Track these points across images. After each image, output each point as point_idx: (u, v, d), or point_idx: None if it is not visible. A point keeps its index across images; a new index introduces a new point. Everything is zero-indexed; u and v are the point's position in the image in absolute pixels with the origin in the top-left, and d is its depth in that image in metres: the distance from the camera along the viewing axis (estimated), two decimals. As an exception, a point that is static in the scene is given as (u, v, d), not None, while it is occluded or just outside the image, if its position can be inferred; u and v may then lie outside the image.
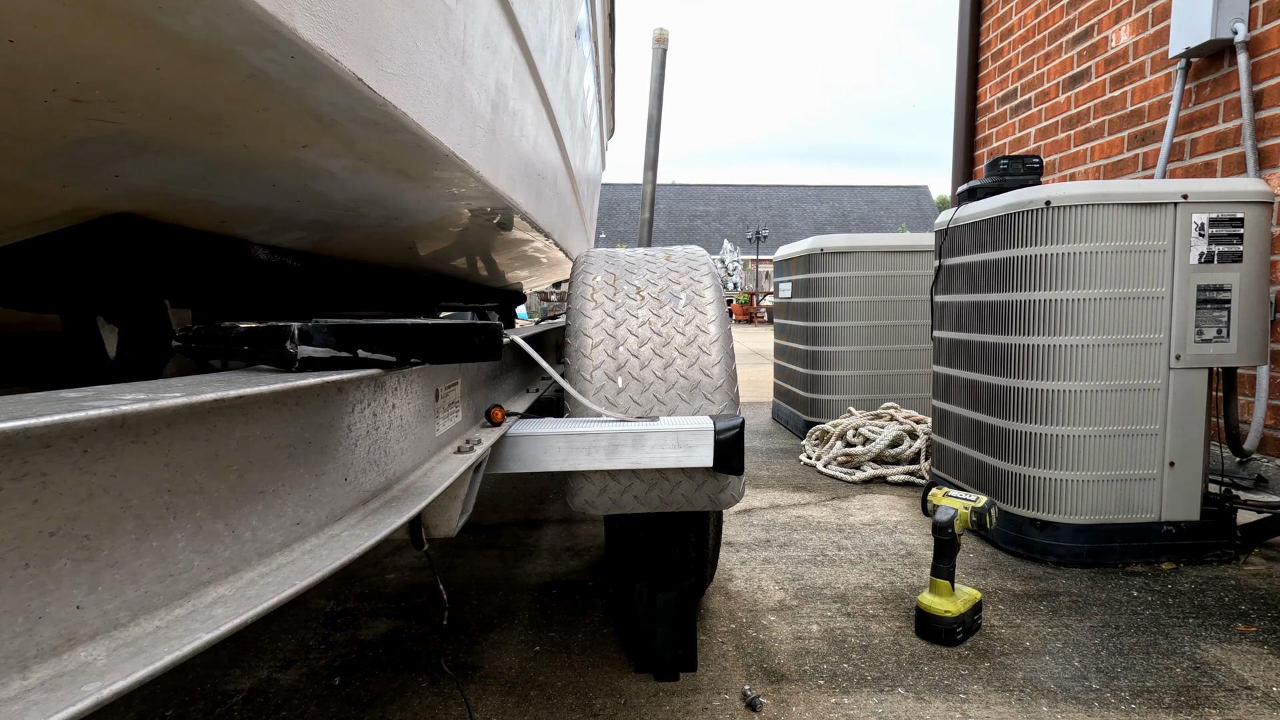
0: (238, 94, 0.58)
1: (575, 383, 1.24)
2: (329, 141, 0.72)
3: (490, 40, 1.05)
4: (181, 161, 0.68)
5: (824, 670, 1.42)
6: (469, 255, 1.80)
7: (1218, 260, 1.87)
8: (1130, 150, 3.22)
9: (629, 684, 1.38)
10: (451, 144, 0.88)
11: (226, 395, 0.44)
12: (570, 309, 1.33)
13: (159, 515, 0.42)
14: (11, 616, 0.34)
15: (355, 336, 0.62)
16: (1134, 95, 3.20)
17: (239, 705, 1.34)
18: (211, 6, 0.45)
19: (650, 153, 3.84)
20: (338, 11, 0.57)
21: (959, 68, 4.73)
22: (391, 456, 0.72)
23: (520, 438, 1.08)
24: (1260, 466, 2.52)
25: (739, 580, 1.88)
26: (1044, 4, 3.88)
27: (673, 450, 1.10)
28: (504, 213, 1.35)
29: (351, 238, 1.21)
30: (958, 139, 4.70)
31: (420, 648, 1.55)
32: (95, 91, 0.52)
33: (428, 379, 0.83)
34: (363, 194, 0.94)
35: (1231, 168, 2.65)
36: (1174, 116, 2.85)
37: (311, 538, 0.56)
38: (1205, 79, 2.78)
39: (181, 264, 0.89)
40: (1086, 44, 3.53)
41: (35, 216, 0.70)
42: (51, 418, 0.33)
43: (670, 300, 1.31)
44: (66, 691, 0.34)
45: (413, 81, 0.74)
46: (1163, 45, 3.02)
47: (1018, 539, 2.01)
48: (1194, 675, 1.37)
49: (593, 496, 1.24)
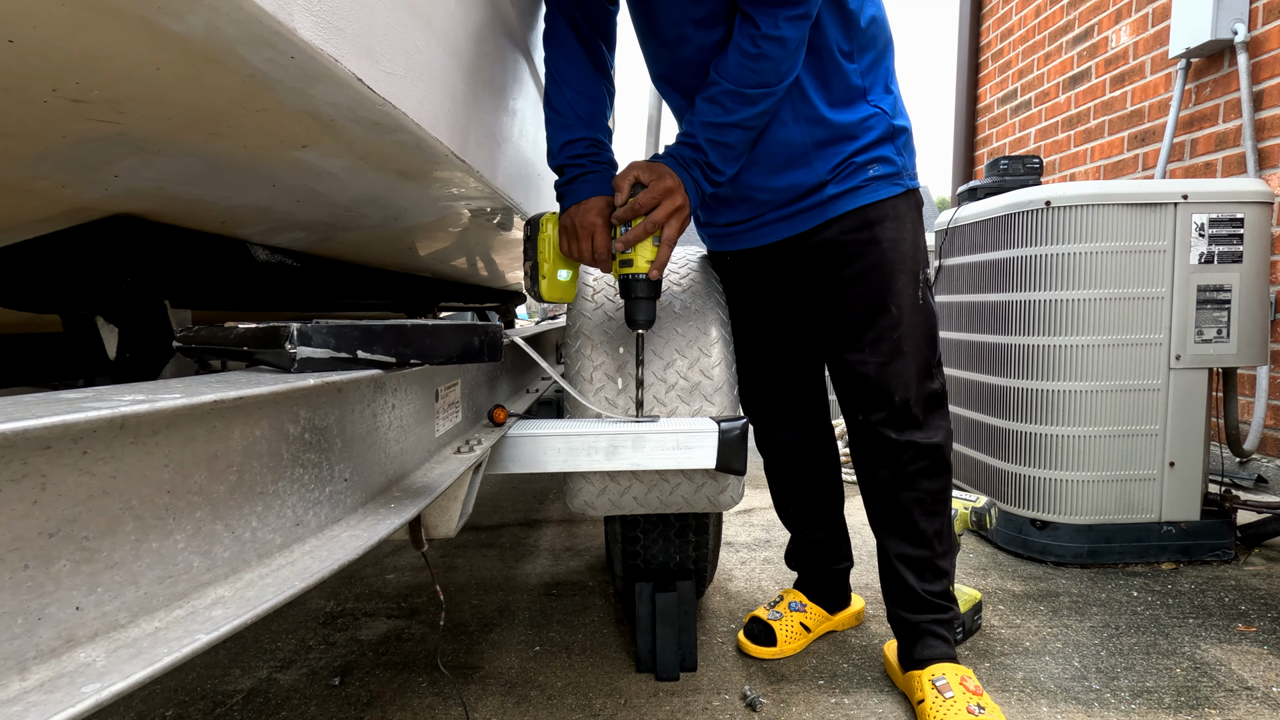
0: (238, 94, 0.58)
1: (575, 383, 1.24)
2: (329, 142, 0.72)
3: (490, 40, 1.05)
4: (181, 162, 0.68)
5: (824, 670, 1.42)
6: (469, 255, 1.80)
7: (1218, 260, 1.87)
8: (1130, 150, 3.22)
9: (629, 684, 1.38)
10: (451, 144, 0.88)
11: (226, 396, 0.44)
12: (570, 309, 1.33)
13: (159, 516, 0.42)
14: (11, 617, 0.34)
15: (355, 337, 0.62)
16: (1134, 95, 3.20)
17: (239, 705, 1.34)
18: (211, 7, 0.45)
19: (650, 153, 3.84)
20: (337, 11, 0.57)
21: (959, 68, 4.73)
22: (391, 457, 0.72)
23: (520, 438, 1.08)
24: (1260, 467, 2.52)
25: (739, 580, 1.88)
26: (1044, 4, 3.88)
27: (673, 451, 1.10)
28: (504, 213, 1.35)
29: (351, 238, 1.21)
30: (958, 139, 4.70)
31: (420, 648, 1.55)
32: (95, 91, 0.52)
33: (427, 380, 0.83)
34: (363, 194, 0.94)
35: (1231, 168, 2.65)
36: (1174, 117, 2.85)
37: (311, 539, 0.56)
38: (1205, 79, 2.78)
39: (181, 264, 0.89)
40: (1086, 44, 3.53)
41: (35, 216, 0.70)
42: (51, 418, 0.33)
43: (670, 300, 1.31)
44: (66, 693, 0.34)
45: (413, 81, 0.74)
46: (1163, 45, 3.02)
47: (1017, 539, 2.01)
48: (1194, 675, 1.37)
49: (592, 497, 1.24)
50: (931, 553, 1.29)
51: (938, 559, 1.30)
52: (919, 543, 1.29)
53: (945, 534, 1.31)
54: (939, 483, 1.28)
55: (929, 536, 1.29)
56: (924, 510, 1.28)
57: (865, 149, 1.20)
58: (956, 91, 4.75)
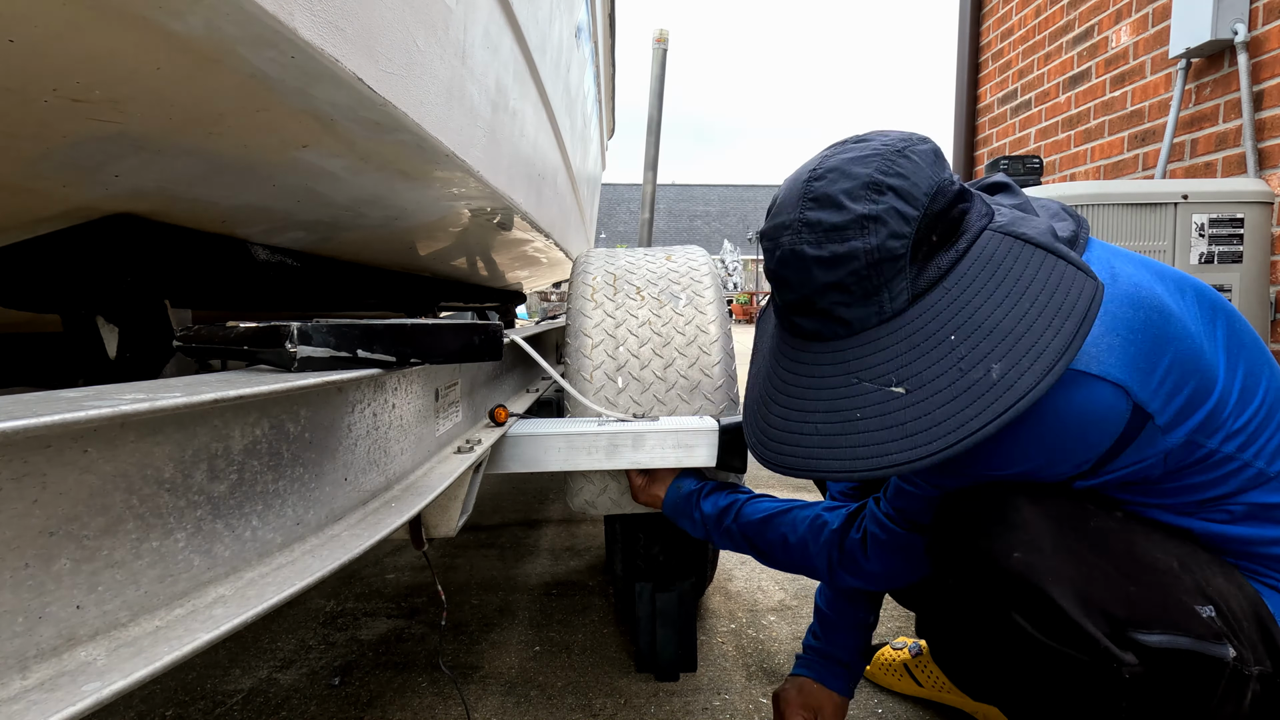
0: (238, 94, 0.58)
1: (575, 383, 1.24)
2: (329, 141, 0.72)
3: (490, 40, 1.05)
4: (181, 161, 0.68)
5: (824, 670, 1.41)
6: (469, 255, 1.80)
7: (1218, 260, 1.87)
8: (1130, 150, 3.21)
9: (629, 684, 1.38)
10: (451, 144, 0.88)
11: (226, 395, 0.44)
12: (570, 309, 1.33)
13: (159, 515, 0.42)
14: (11, 616, 0.34)
15: (355, 336, 0.62)
16: (1134, 95, 3.20)
17: (239, 705, 1.34)
18: (212, 6, 0.45)
19: (650, 153, 3.84)
20: (338, 11, 0.57)
21: (959, 68, 4.73)
22: (391, 456, 0.72)
23: (520, 438, 1.08)
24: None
25: (739, 580, 1.88)
26: (1044, 4, 3.88)
27: (673, 450, 1.10)
28: (504, 213, 1.35)
29: (351, 238, 1.21)
30: (958, 139, 4.70)
31: (420, 648, 1.55)
32: (95, 91, 0.52)
33: (428, 379, 0.83)
34: (363, 194, 0.94)
35: (1231, 168, 2.65)
36: (1174, 117, 2.85)
37: (311, 538, 0.56)
38: (1205, 79, 2.78)
39: (181, 264, 0.89)
40: (1087, 44, 3.53)
41: (35, 216, 0.70)
42: (51, 418, 0.33)
43: (670, 300, 1.31)
44: (66, 691, 0.34)
45: (413, 81, 0.74)
46: (1163, 45, 3.02)
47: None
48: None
49: (593, 497, 1.24)
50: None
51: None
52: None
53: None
54: None
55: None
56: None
57: None
58: (956, 91, 4.75)
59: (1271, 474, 0.73)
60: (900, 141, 0.73)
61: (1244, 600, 0.71)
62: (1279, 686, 0.69)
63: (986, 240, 0.71)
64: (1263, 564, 0.75)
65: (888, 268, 0.68)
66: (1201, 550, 0.75)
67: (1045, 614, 0.66)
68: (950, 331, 0.66)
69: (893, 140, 0.73)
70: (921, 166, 0.70)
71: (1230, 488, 0.74)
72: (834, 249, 0.68)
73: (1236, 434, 0.72)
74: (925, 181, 0.69)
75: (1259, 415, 0.73)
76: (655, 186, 3.86)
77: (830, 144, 0.77)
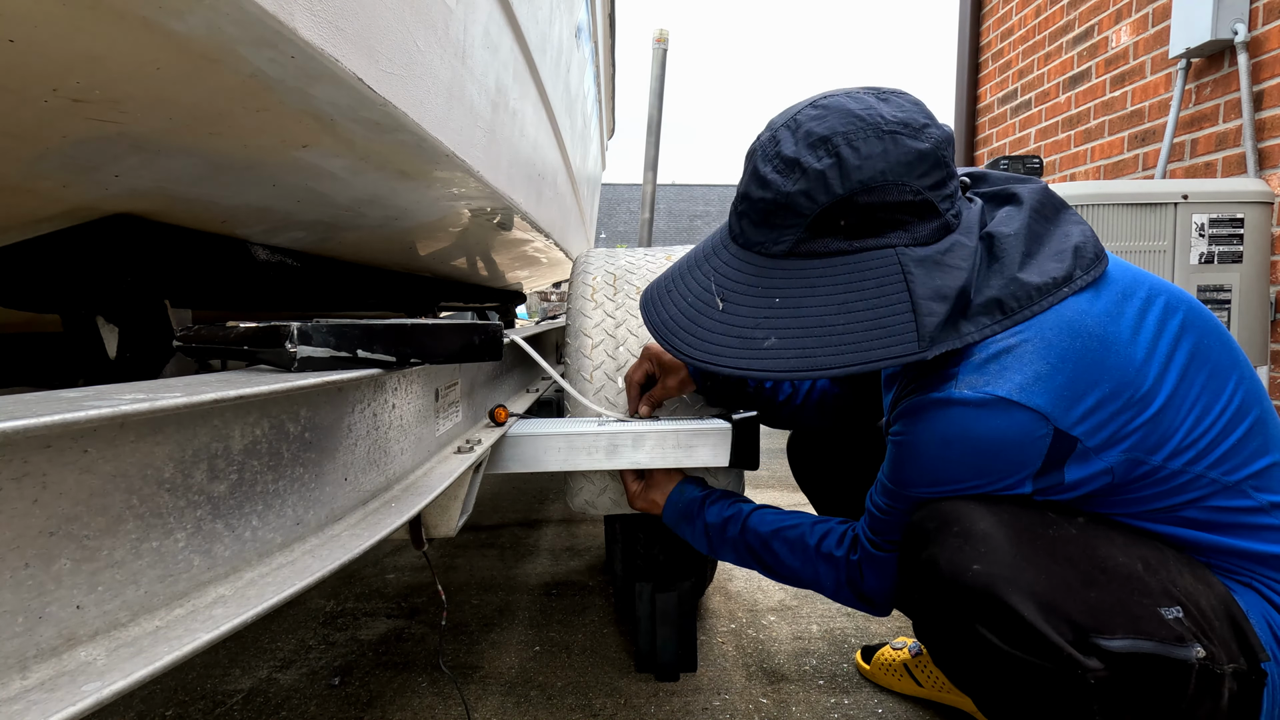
0: (238, 94, 0.58)
1: (575, 383, 1.24)
2: (329, 141, 0.72)
3: (490, 40, 1.05)
4: (181, 161, 0.68)
5: (824, 670, 1.42)
6: (469, 255, 1.80)
7: (1218, 261, 1.87)
8: (1130, 150, 3.22)
9: (629, 684, 1.38)
10: (451, 144, 0.88)
11: (226, 395, 0.44)
12: (570, 309, 1.33)
13: (159, 515, 0.42)
14: (11, 616, 0.34)
15: (355, 336, 0.62)
16: (1134, 95, 3.20)
17: (239, 705, 1.34)
18: (212, 6, 0.45)
19: (650, 153, 3.84)
20: (338, 11, 0.57)
21: (959, 68, 4.73)
22: (391, 456, 0.72)
23: (520, 438, 1.08)
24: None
25: (739, 580, 1.88)
26: (1044, 4, 3.88)
27: (673, 450, 1.10)
28: (504, 213, 1.35)
29: (351, 238, 1.21)
30: (958, 139, 4.70)
31: (420, 648, 1.55)
32: (95, 91, 0.52)
33: (428, 379, 0.83)
34: (363, 194, 0.94)
35: (1232, 168, 2.65)
36: (1174, 117, 2.85)
37: (311, 538, 0.56)
38: (1205, 79, 2.78)
39: (182, 264, 0.89)
40: (1087, 44, 3.53)
41: (35, 216, 0.70)
42: (51, 418, 0.33)
43: (670, 300, 1.31)
44: (66, 691, 0.34)
45: (413, 81, 0.74)
46: (1163, 45, 3.02)
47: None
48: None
49: (593, 497, 1.24)
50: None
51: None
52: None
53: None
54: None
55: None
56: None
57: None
58: (956, 91, 4.75)
59: (1228, 483, 0.73)
60: (899, 124, 0.73)
61: (1214, 599, 0.71)
62: (1256, 683, 0.69)
63: (881, 256, 0.73)
64: (1234, 561, 0.76)
65: (788, 216, 0.74)
66: (1170, 550, 0.75)
67: (1008, 624, 0.66)
68: (778, 295, 0.76)
69: (896, 119, 0.73)
70: (886, 156, 0.71)
71: (1189, 496, 0.74)
72: (769, 175, 0.75)
73: (1185, 449, 0.72)
74: (872, 171, 0.71)
75: (1214, 428, 0.73)
76: (655, 186, 3.86)
77: (872, 86, 0.79)
